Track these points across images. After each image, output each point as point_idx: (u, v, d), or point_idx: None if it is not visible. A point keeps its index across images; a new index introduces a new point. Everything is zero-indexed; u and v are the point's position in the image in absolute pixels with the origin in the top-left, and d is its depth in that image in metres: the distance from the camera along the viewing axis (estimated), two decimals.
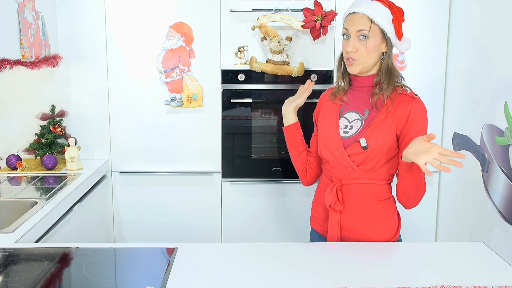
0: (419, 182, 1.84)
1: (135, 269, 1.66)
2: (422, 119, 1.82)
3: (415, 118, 1.81)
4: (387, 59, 1.85)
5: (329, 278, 1.54)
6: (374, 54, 1.82)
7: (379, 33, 1.80)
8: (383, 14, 1.79)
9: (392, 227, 1.96)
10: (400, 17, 1.83)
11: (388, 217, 1.95)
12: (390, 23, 1.79)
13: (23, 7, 2.38)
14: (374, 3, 1.80)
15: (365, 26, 1.79)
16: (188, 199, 3.10)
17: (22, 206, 2.23)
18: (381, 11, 1.79)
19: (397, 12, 1.81)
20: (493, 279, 1.54)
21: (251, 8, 2.91)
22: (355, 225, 1.92)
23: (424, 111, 1.83)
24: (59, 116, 2.98)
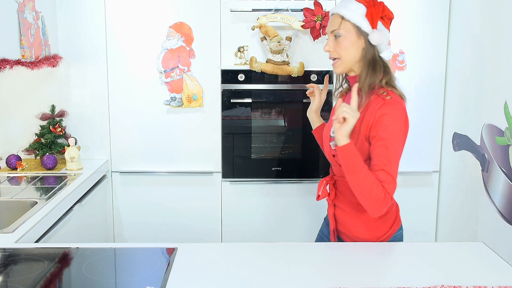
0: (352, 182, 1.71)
1: (135, 269, 1.66)
2: (390, 122, 1.71)
3: (382, 120, 1.71)
4: (367, 53, 1.80)
5: (329, 278, 1.54)
6: (352, 51, 1.80)
7: (352, 29, 1.79)
8: (355, 9, 1.77)
9: (380, 227, 1.88)
10: (376, 11, 1.78)
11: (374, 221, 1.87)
12: (363, 17, 1.77)
13: (23, 7, 2.38)
14: (348, 1, 1.80)
15: (336, 25, 1.80)
16: (188, 199, 3.10)
17: (22, 206, 2.23)
18: (353, 7, 1.78)
19: (372, 6, 1.78)
20: (493, 279, 1.54)
21: (251, 8, 2.91)
22: (345, 220, 1.93)
23: (393, 115, 1.71)
24: (59, 116, 2.98)
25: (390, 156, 1.71)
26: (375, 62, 1.81)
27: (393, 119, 1.71)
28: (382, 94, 1.76)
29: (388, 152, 1.71)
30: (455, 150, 2.95)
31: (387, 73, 1.83)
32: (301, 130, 3.06)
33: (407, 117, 1.77)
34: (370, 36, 1.78)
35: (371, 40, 1.78)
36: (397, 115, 1.72)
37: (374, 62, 1.81)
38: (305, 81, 2.99)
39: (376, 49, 1.82)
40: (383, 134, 1.70)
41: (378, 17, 1.78)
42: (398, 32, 2.97)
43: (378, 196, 1.68)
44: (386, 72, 1.83)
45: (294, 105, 3.04)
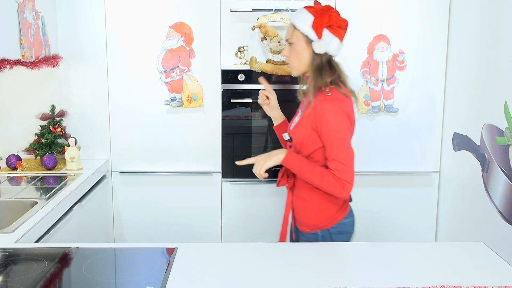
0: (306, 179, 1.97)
1: (135, 269, 1.66)
2: (331, 117, 1.89)
3: (321, 115, 1.91)
4: (314, 60, 1.98)
5: (329, 278, 1.54)
6: (302, 57, 2.00)
7: (302, 37, 1.97)
8: (304, 19, 1.96)
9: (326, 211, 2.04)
10: (321, 21, 1.94)
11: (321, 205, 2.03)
12: (310, 27, 1.94)
13: (23, 7, 2.38)
14: (301, 11, 1.99)
15: (290, 34, 2.02)
16: (188, 199, 3.10)
17: (22, 206, 2.23)
18: (303, 17, 1.96)
19: (318, 17, 1.94)
20: (493, 279, 1.54)
21: (251, 8, 2.91)
22: (298, 206, 2.10)
23: (333, 110, 1.90)
24: (59, 116, 2.98)
25: (338, 147, 1.90)
26: (321, 67, 1.98)
27: (333, 113, 1.90)
28: (325, 91, 1.95)
29: (335, 144, 1.90)
30: (455, 150, 2.95)
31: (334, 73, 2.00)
32: None
33: (348, 111, 1.94)
34: (313, 45, 1.97)
35: (314, 49, 1.97)
36: (336, 110, 1.90)
37: (321, 68, 1.98)
38: None
39: (326, 55, 1.98)
40: (327, 128, 1.90)
41: (323, 27, 1.94)
42: (398, 32, 2.98)
43: (330, 183, 1.90)
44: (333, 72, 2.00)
45: (294, 105, 3.03)
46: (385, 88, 3.02)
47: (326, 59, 1.99)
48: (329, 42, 1.95)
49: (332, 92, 1.94)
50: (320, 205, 2.03)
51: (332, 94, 1.93)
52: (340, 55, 2.96)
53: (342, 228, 2.06)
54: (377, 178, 3.13)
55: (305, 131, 1.97)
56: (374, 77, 3.00)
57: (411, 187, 3.14)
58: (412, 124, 3.07)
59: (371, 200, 3.14)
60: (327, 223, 2.04)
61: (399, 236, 3.18)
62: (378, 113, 3.05)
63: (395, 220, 3.17)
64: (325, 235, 2.04)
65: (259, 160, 2.01)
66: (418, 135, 3.08)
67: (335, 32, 1.95)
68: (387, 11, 2.96)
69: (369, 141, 3.08)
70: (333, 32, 1.95)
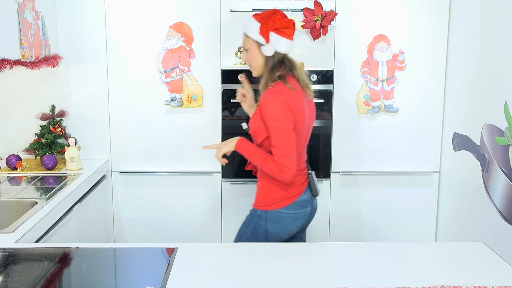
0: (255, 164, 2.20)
1: (135, 269, 1.66)
2: (266, 109, 2.08)
3: (264, 106, 2.10)
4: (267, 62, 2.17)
5: (329, 278, 1.54)
6: (257, 61, 2.20)
7: (254, 43, 2.17)
8: (253, 27, 2.15)
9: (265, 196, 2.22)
10: (266, 27, 2.12)
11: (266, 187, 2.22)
12: (258, 33, 2.14)
13: (23, 7, 2.38)
14: (250, 19, 2.18)
15: (244, 42, 2.23)
16: (188, 199, 3.10)
17: (22, 206, 2.23)
18: (252, 25, 2.16)
19: (264, 23, 2.12)
20: (493, 279, 1.54)
21: (251, 8, 2.91)
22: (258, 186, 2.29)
23: (269, 101, 2.08)
24: (59, 116, 2.98)
25: (276, 134, 2.07)
26: (273, 67, 2.16)
27: (273, 104, 2.07)
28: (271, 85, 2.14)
29: (274, 132, 2.08)
30: (455, 150, 2.95)
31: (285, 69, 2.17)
32: None
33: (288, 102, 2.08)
34: (262, 49, 2.15)
35: (263, 52, 2.15)
36: (276, 100, 2.07)
37: (273, 68, 2.16)
38: None
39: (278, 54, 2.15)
40: (268, 118, 2.09)
41: (269, 31, 2.12)
42: (398, 32, 2.98)
43: (270, 167, 2.08)
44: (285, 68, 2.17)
45: None
46: (385, 88, 3.02)
47: (278, 58, 2.17)
48: (277, 44, 2.13)
49: (275, 85, 2.12)
50: (265, 186, 2.22)
51: (274, 87, 2.12)
52: (340, 55, 2.98)
53: (279, 217, 2.19)
54: (377, 178, 3.13)
55: (256, 122, 2.15)
56: (374, 77, 3.00)
57: (411, 187, 3.14)
58: (412, 124, 3.07)
59: (371, 200, 3.14)
60: (266, 205, 2.20)
61: (399, 236, 3.18)
62: (378, 113, 3.05)
63: (395, 220, 3.17)
64: (261, 216, 2.21)
65: (218, 146, 2.24)
66: (418, 135, 3.08)
67: (282, 34, 2.13)
68: (387, 11, 2.96)
69: (369, 141, 3.08)
70: (280, 34, 2.13)
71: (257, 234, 2.22)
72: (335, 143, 3.08)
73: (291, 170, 2.06)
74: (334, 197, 3.14)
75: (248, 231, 2.25)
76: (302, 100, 2.15)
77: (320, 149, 3.09)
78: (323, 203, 3.14)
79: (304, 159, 2.28)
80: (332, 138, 3.07)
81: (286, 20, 2.16)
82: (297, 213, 2.22)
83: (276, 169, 2.07)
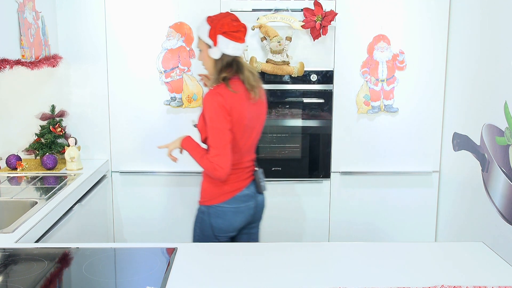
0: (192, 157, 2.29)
1: (135, 269, 1.66)
2: (206, 108, 2.17)
3: (204, 106, 2.19)
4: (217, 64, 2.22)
5: (329, 278, 1.54)
6: (209, 61, 2.25)
7: (205, 45, 2.23)
8: (204, 30, 2.21)
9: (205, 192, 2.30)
10: (214, 31, 2.17)
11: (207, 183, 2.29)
12: (208, 36, 2.19)
13: (23, 7, 2.38)
14: (203, 22, 2.24)
15: (197, 43, 2.30)
16: (188, 199, 3.10)
17: (22, 206, 2.23)
18: (203, 28, 2.22)
19: (213, 27, 2.18)
20: (493, 279, 1.54)
21: (251, 8, 2.91)
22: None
23: (210, 101, 2.16)
24: (59, 116, 2.98)
25: (211, 134, 2.15)
26: (221, 69, 2.21)
27: (209, 105, 2.15)
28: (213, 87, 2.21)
29: (209, 132, 2.16)
30: (455, 150, 2.95)
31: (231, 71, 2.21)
32: (301, 130, 3.06)
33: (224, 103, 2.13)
34: (209, 51, 2.22)
35: (210, 55, 2.21)
36: (212, 101, 2.15)
37: (221, 69, 2.22)
38: (305, 81, 3.00)
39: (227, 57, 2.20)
40: (206, 117, 2.17)
41: (216, 35, 2.17)
42: (398, 32, 2.98)
43: (206, 165, 2.17)
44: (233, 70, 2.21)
45: (294, 105, 3.04)
46: (385, 88, 3.02)
47: (227, 61, 2.21)
48: (226, 47, 2.18)
49: (216, 87, 2.19)
50: (206, 182, 2.30)
51: (215, 88, 2.18)
52: (340, 55, 2.98)
53: (220, 211, 2.27)
54: (377, 178, 3.13)
55: (201, 120, 2.25)
56: (374, 77, 3.00)
57: (411, 187, 3.14)
58: (412, 124, 3.07)
59: (371, 200, 3.14)
60: (208, 200, 2.29)
61: (399, 236, 3.18)
62: (378, 113, 3.05)
63: (395, 220, 3.17)
64: (205, 212, 2.29)
65: (169, 145, 2.39)
66: (418, 135, 3.08)
67: (230, 37, 2.18)
68: (387, 11, 2.96)
69: (369, 141, 3.08)
70: (228, 37, 2.18)
71: (204, 230, 2.31)
72: (335, 143, 3.08)
73: (224, 169, 2.13)
74: (334, 197, 3.14)
75: (198, 229, 2.35)
76: (242, 102, 2.20)
77: (320, 149, 3.09)
78: (323, 203, 3.15)
79: (250, 158, 2.34)
80: (332, 138, 3.07)
81: (236, 24, 2.20)
82: (238, 207, 2.29)
83: (210, 167, 2.15)
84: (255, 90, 2.25)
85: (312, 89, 3.02)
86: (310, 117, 3.06)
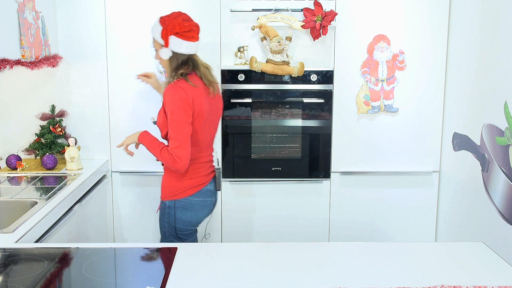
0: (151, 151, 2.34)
1: (135, 269, 1.66)
2: (168, 101, 2.22)
3: (165, 100, 2.24)
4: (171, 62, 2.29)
5: (329, 278, 1.54)
6: (163, 62, 2.32)
7: (159, 45, 2.30)
8: (157, 31, 2.28)
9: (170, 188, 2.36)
10: (165, 32, 2.24)
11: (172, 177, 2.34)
12: (160, 37, 2.26)
13: (23, 7, 2.38)
14: (156, 22, 2.30)
15: (152, 43, 2.35)
16: None
17: (22, 206, 2.23)
18: (156, 29, 2.29)
19: (165, 27, 2.24)
20: (493, 279, 1.54)
21: (251, 8, 2.91)
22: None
23: (171, 95, 2.21)
24: (59, 116, 2.98)
25: (172, 127, 2.21)
26: (177, 67, 2.29)
27: (171, 98, 2.21)
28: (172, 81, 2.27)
29: (170, 124, 2.21)
30: (455, 150, 2.95)
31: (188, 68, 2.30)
32: (301, 130, 3.06)
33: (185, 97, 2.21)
34: (160, 51, 2.29)
35: (160, 55, 2.29)
36: (174, 95, 2.20)
37: (177, 67, 2.29)
38: (305, 80, 3.00)
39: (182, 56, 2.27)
40: (167, 112, 2.22)
41: (168, 36, 2.24)
42: (398, 32, 2.98)
43: (165, 157, 2.22)
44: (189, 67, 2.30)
45: (294, 105, 3.04)
46: (385, 88, 3.02)
47: (182, 59, 2.29)
48: (179, 47, 2.25)
49: (176, 82, 2.25)
50: (171, 177, 2.35)
51: (175, 83, 2.24)
52: (340, 55, 2.98)
53: (187, 205, 2.34)
54: (377, 178, 3.13)
55: (161, 116, 2.29)
56: (374, 77, 3.00)
57: (411, 187, 3.14)
58: (412, 124, 3.07)
59: (371, 200, 3.14)
60: (174, 195, 2.34)
61: (399, 236, 3.18)
62: (378, 113, 3.05)
63: (395, 220, 3.17)
64: (171, 206, 2.35)
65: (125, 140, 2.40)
66: (418, 135, 3.08)
67: (182, 37, 2.25)
68: (387, 11, 2.96)
69: (369, 141, 3.08)
70: (180, 37, 2.25)
71: (172, 224, 2.38)
72: (335, 143, 3.08)
73: (183, 161, 2.20)
74: (334, 197, 3.14)
75: (166, 224, 2.40)
76: (202, 96, 2.28)
77: (320, 149, 3.09)
78: (323, 203, 3.15)
79: (209, 152, 2.43)
80: (332, 138, 3.07)
81: (187, 24, 2.27)
82: (205, 201, 2.40)
83: (169, 159, 2.21)
84: (213, 85, 2.35)
85: (312, 89, 3.02)
86: (310, 117, 3.06)
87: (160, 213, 2.43)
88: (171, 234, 2.40)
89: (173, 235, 2.40)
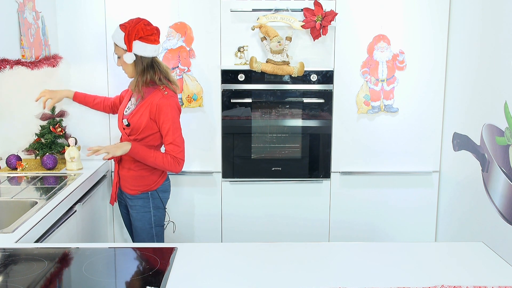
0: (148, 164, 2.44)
1: (135, 269, 1.66)
2: (168, 110, 2.38)
3: (160, 110, 2.38)
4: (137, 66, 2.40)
5: (329, 278, 1.54)
6: (127, 67, 2.43)
7: (122, 51, 2.40)
8: (119, 36, 2.37)
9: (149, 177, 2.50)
10: (128, 37, 2.34)
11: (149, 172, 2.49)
12: (124, 43, 2.36)
13: (23, 7, 2.38)
14: (117, 29, 2.39)
15: (115, 49, 2.44)
16: (188, 199, 3.10)
17: (22, 206, 2.23)
18: (119, 35, 2.38)
19: (127, 33, 2.34)
20: (493, 279, 1.54)
21: (251, 8, 2.91)
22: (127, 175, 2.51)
23: (168, 105, 2.38)
24: (59, 116, 2.98)
25: (175, 135, 2.40)
26: (144, 70, 2.41)
27: (170, 108, 2.40)
28: (162, 90, 2.42)
29: (172, 131, 2.39)
30: (455, 150, 2.95)
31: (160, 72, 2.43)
32: (301, 130, 3.06)
33: (178, 105, 2.47)
34: (123, 56, 2.38)
35: (125, 60, 2.39)
36: (172, 105, 2.41)
37: (143, 70, 2.41)
38: (305, 80, 3.00)
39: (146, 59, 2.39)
40: (165, 118, 2.38)
41: (131, 41, 2.35)
42: (398, 32, 2.98)
43: (169, 163, 2.40)
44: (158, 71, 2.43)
45: (294, 105, 3.04)
46: (385, 88, 3.02)
47: (147, 62, 2.41)
48: (143, 50, 2.37)
49: (167, 91, 2.42)
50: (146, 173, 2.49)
51: (168, 93, 2.41)
52: (340, 55, 2.98)
53: (164, 188, 2.57)
54: (377, 178, 3.13)
55: (143, 120, 2.40)
56: (374, 77, 3.00)
57: (411, 187, 3.14)
58: (412, 124, 3.07)
59: (371, 200, 3.14)
60: (156, 184, 2.52)
61: (399, 236, 3.18)
62: (378, 113, 3.05)
63: (395, 220, 3.17)
64: (154, 194, 2.52)
65: (111, 150, 2.39)
66: (418, 135, 3.08)
67: (146, 41, 2.37)
68: (387, 11, 2.96)
69: (369, 141, 3.08)
70: (145, 41, 2.37)
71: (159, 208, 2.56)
72: (335, 143, 3.08)
73: (184, 162, 2.45)
74: (334, 197, 3.14)
75: (153, 212, 2.55)
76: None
77: (320, 149, 3.09)
78: (323, 203, 3.15)
79: None
80: (332, 138, 3.07)
81: (149, 28, 2.39)
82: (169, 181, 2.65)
83: (175, 163, 2.41)
84: (177, 84, 2.51)
85: (312, 89, 3.02)
86: (310, 117, 3.06)
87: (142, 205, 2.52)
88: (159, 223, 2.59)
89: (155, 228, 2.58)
